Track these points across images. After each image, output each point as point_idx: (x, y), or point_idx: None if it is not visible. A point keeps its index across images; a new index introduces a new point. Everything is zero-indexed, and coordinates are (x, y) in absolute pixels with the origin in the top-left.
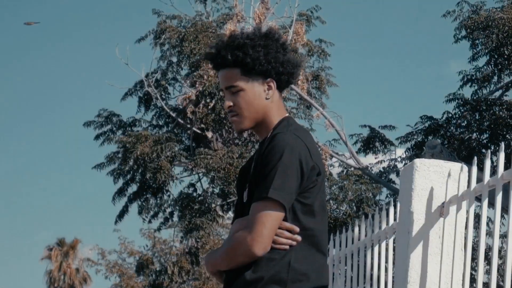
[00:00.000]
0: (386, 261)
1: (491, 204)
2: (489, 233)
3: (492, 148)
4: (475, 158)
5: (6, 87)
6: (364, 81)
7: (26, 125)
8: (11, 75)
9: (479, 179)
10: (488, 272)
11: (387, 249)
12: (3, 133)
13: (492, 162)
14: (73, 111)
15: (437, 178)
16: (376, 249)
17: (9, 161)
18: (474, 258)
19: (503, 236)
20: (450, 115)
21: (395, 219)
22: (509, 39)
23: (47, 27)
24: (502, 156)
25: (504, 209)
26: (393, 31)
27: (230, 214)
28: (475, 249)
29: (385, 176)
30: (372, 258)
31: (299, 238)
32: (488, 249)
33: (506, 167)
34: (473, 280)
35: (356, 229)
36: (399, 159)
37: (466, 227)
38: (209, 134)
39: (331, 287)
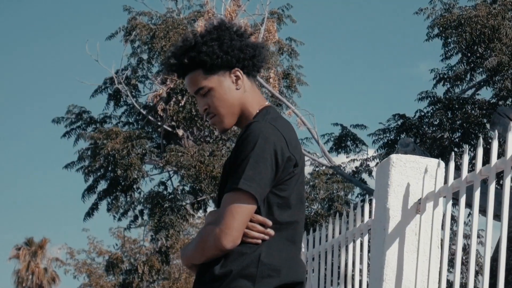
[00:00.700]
0: (361, 259)
1: (467, 205)
2: (466, 231)
3: (464, 146)
4: (452, 154)
5: None
6: (336, 80)
7: None
8: None
9: (456, 176)
10: (464, 272)
11: (361, 247)
12: None
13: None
14: (42, 108)
15: (413, 174)
16: (350, 246)
17: None
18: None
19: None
20: (422, 113)
21: (370, 217)
22: (482, 37)
23: (15, 23)
24: (480, 151)
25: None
26: (365, 30)
27: (201, 213)
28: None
29: (357, 175)
30: (346, 256)
31: (272, 232)
32: (465, 247)
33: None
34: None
35: (330, 226)
36: (371, 158)
37: (443, 224)
38: (180, 132)
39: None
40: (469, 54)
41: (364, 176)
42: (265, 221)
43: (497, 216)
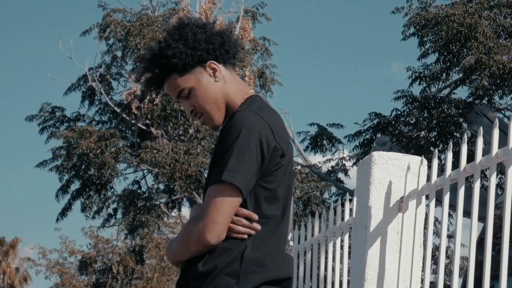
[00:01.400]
0: (341, 258)
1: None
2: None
3: (441, 146)
4: (436, 151)
5: None
6: (312, 79)
7: None
8: None
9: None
10: (448, 273)
11: (342, 246)
12: None
13: (440, 160)
14: (15, 106)
15: (396, 171)
16: (330, 245)
17: None
18: (434, 256)
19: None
20: (398, 112)
21: (350, 215)
22: (458, 36)
23: None
24: (464, 148)
25: (452, 207)
26: (340, 29)
27: (175, 212)
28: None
29: (333, 174)
30: (326, 255)
31: (258, 226)
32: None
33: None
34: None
35: (309, 225)
36: (347, 158)
37: (426, 223)
38: (154, 131)
39: None
40: (445, 53)
41: (340, 175)
42: (251, 215)
43: (467, 214)
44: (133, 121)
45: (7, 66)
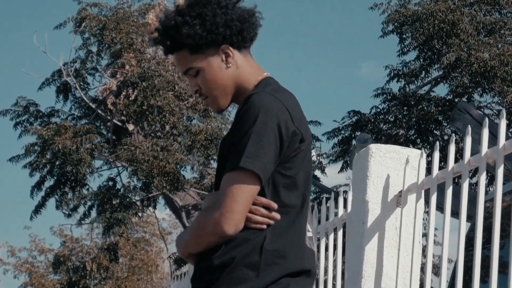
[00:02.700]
0: (335, 255)
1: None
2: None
3: (451, 136)
4: (437, 143)
5: None
6: (288, 76)
7: None
8: None
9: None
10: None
11: (335, 242)
12: None
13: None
14: None
15: (394, 165)
16: (323, 242)
17: None
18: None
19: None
20: (378, 110)
21: (344, 210)
22: (440, 32)
23: None
24: (468, 140)
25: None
26: (318, 24)
27: (151, 210)
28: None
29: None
30: (319, 252)
31: (277, 216)
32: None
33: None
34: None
35: None
36: (324, 155)
37: (428, 218)
38: (130, 127)
39: None
40: (425, 50)
41: (317, 172)
42: (270, 203)
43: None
44: (108, 117)
45: None
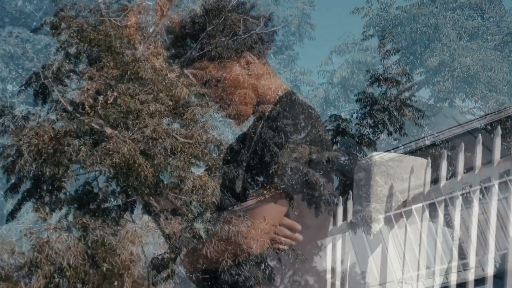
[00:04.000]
0: (333, 266)
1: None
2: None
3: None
4: (445, 152)
5: None
6: None
7: None
8: None
9: None
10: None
11: (333, 252)
12: None
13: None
14: None
15: (398, 173)
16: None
17: None
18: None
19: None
20: (359, 114)
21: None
22: (422, 37)
23: None
24: (479, 149)
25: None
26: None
27: (128, 214)
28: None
29: None
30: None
31: (300, 237)
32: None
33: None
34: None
35: None
36: None
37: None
38: (109, 130)
39: None
40: (408, 55)
41: None
42: (294, 225)
43: None
44: (86, 120)
45: None
